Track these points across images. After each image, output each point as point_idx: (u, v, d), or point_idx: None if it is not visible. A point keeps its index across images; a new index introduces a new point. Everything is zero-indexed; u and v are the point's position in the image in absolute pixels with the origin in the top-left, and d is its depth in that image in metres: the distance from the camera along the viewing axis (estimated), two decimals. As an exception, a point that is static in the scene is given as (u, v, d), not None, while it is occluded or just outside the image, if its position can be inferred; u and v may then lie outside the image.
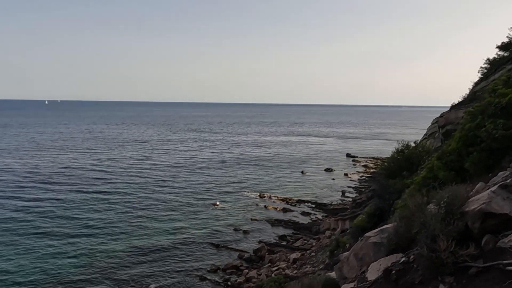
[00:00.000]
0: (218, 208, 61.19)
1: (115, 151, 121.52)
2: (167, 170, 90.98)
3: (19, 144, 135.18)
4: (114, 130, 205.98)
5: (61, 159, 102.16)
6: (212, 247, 45.86)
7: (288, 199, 67.28)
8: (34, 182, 74.66)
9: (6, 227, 49.67)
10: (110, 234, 48.36)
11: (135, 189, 71.43)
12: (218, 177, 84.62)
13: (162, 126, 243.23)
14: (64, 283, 36.21)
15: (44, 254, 42.05)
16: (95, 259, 41.34)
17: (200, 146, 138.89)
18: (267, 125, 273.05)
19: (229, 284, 37.00)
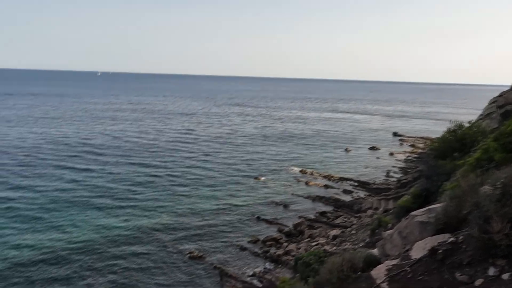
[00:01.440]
0: (260, 182, 62.03)
1: (161, 123, 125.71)
2: (211, 143, 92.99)
3: (73, 113, 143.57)
4: (161, 102, 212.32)
5: (110, 130, 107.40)
6: (253, 219, 46.91)
7: (330, 176, 66.74)
8: (84, 151, 79.41)
9: (56, 195, 53.65)
10: (155, 204, 50.78)
11: (179, 161, 73.92)
12: (260, 152, 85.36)
13: (207, 99, 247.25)
14: (112, 248, 38.87)
15: (92, 221, 45.17)
16: (141, 225, 43.80)
17: (243, 121, 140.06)
18: (311, 101, 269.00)
19: (268, 256, 37.88)
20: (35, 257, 35.57)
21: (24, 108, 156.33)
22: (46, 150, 77.34)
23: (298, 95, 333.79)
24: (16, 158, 70.52)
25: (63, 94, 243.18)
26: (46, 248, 37.30)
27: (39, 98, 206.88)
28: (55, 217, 44.36)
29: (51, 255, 36.12)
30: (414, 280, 7.25)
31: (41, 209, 46.40)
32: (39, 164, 66.65)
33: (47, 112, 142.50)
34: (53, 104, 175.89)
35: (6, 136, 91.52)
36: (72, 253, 36.53)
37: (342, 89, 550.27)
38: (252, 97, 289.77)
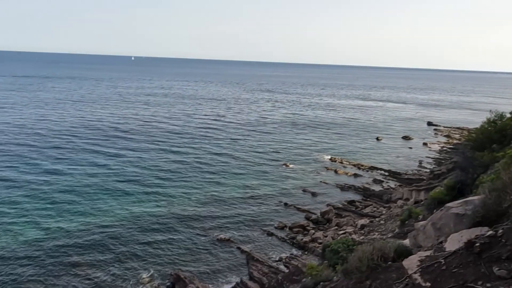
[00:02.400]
0: (289, 169, 61.99)
1: (191, 108, 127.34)
2: (240, 129, 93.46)
3: (107, 97, 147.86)
4: (191, 87, 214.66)
5: (142, 114, 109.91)
6: (281, 205, 47.12)
7: (360, 165, 65.74)
8: (116, 135, 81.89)
9: (88, 178, 55.76)
10: (184, 189, 51.89)
11: (208, 146, 74.88)
12: (289, 138, 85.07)
13: (237, 85, 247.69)
14: (143, 231, 40.22)
15: (123, 205, 46.79)
16: (170, 209, 44.99)
17: (273, 107, 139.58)
18: (342, 88, 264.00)
19: (294, 242, 38.08)
20: (67, 240, 37.38)
21: (62, 91, 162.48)
22: (80, 133, 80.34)
23: (329, 82, 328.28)
24: (52, 140, 73.71)
25: (98, 78, 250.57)
26: (78, 231, 39.10)
27: (76, 82, 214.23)
28: (87, 200, 46.27)
29: (84, 237, 37.85)
30: (448, 273, 7.08)
31: (74, 192, 48.44)
32: (73, 147, 69.36)
33: (83, 96, 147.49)
34: (89, 88, 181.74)
35: (44, 118, 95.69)
36: (104, 235, 38.09)
37: (375, 76, 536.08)
38: (282, 83, 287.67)
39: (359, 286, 9.28)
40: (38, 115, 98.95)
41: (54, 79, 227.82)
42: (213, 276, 32.14)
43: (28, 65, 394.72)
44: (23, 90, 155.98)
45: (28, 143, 69.39)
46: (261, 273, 31.75)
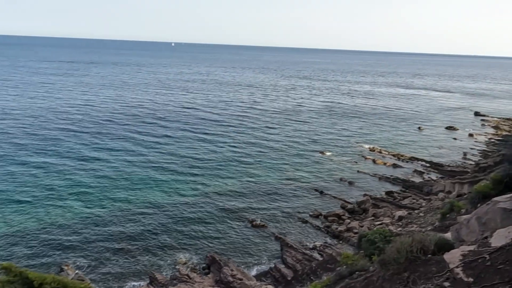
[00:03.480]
0: (325, 157, 61.33)
1: (228, 94, 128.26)
2: (276, 116, 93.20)
3: (148, 82, 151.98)
4: (229, 73, 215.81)
5: (180, 100, 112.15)
6: (316, 193, 46.86)
7: (400, 155, 63.82)
8: (154, 119, 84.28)
9: (127, 159, 57.86)
10: (220, 174, 52.76)
11: (244, 133, 75.37)
12: (326, 126, 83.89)
13: (274, 71, 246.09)
14: (181, 211, 41.45)
15: (162, 186, 48.31)
16: (207, 193, 46.00)
17: (310, 94, 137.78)
18: (384, 75, 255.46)
19: (329, 231, 37.88)
20: (106, 222, 39.27)
21: (105, 76, 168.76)
22: (119, 119, 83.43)
23: (369, 69, 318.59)
24: (92, 125, 77.05)
25: (139, 64, 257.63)
26: (117, 214, 40.95)
27: (118, 67, 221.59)
28: (125, 185, 48.21)
29: (123, 220, 39.62)
30: (493, 269, 6.80)
31: (112, 178, 50.62)
32: (112, 132, 72.15)
33: (125, 81, 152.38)
34: (130, 73, 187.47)
35: (87, 103, 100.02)
36: (143, 219, 39.69)
37: (419, 63, 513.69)
38: (321, 70, 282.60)
39: (396, 277, 9.13)
40: (82, 99, 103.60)
41: (98, 64, 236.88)
42: (247, 260, 32.73)
43: (74, 51, 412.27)
44: (69, 75, 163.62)
45: (70, 128, 72.97)
46: (295, 259, 31.94)
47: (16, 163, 51.70)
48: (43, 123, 74.52)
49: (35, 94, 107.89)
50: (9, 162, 51.90)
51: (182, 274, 29.12)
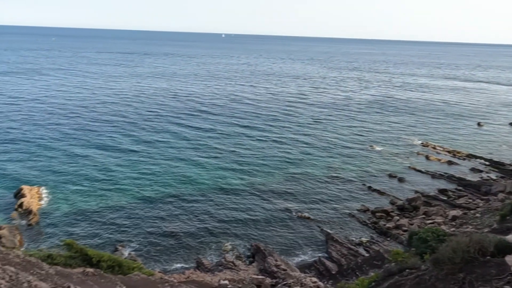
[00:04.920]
0: (375, 151, 59.55)
1: (276, 85, 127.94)
2: (324, 108, 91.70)
3: (197, 73, 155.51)
4: (277, 64, 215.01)
5: (227, 91, 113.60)
6: (364, 188, 45.74)
7: (456, 152, 60.41)
8: (203, 108, 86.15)
9: (176, 146, 59.61)
10: (265, 165, 52.99)
11: (290, 125, 74.99)
12: (377, 120, 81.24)
13: (324, 62, 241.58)
14: (227, 200, 42.28)
15: (207, 175, 49.41)
16: (253, 183, 46.47)
17: (361, 87, 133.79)
18: (441, 67, 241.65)
19: (376, 227, 36.90)
20: (162, 201, 40.95)
21: (157, 66, 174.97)
22: (169, 108, 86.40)
23: (425, 60, 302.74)
24: (144, 113, 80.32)
25: (190, 55, 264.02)
26: (171, 194, 42.57)
27: (170, 58, 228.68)
28: (173, 173, 49.90)
29: (171, 205, 41.15)
30: None
31: (161, 165, 52.59)
32: (162, 120, 74.84)
33: (175, 72, 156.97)
34: (181, 64, 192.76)
35: (140, 92, 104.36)
36: (189, 205, 41.03)
37: (483, 54, 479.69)
38: (373, 61, 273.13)
39: (450, 277, 8.71)
40: (135, 88, 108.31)
41: (151, 55, 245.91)
42: (291, 252, 32.80)
43: (130, 43, 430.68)
44: (124, 66, 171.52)
45: (124, 114, 76.70)
46: (340, 254, 31.56)
47: (76, 147, 55.36)
48: (100, 111, 78.96)
49: (93, 84, 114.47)
50: (69, 146, 55.70)
51: (228, 261, 29.83)
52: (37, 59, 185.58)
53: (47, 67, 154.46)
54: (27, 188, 40.19)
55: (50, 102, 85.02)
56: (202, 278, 24.77)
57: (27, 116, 71.31)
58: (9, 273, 8.60)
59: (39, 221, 35.46)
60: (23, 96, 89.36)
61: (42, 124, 66.00)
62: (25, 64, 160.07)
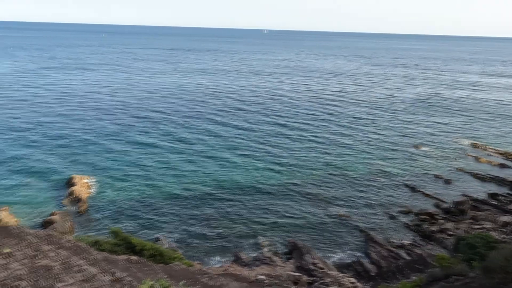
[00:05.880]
0: (420, 151, 57.29)
1: (316, 82, 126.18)
2: (366, 106, 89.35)
3: (238, 68, 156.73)
4: (319, 60, 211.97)
5: (267, 86, 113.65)
6: (407, 189, 44.19)
7: (509, 154, 56.80)
8: (241, 105, 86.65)
9: (214, 144, 60.33)
10: (303, 163, 52.54)
11: (330, 122, 73.75)
12: (423, 119, 78.02)
13: (367, 59, 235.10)
14: (265, 196, 42.38)
15: (246, 170, 49.72)
16: (292, 180, 46.24)
17: (406, 84, 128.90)
18: (494, 64, 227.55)
19: (419, 230, 35.55)
20: (202, 195, 41.78)
21: (199, 62, 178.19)
22: (208, 103, 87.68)
23: (477, 57, 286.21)
24: (184, 109, 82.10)
25: (232, 51, 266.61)
26: (211, 188, 43.32)
27: (212, 54, 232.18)
28: (214, 167, 50.66)
29: (216, 194, 41.87)
30: None
31: (206, 155, 53.56)
32: (200, 116, 76.04)
33: (217, 68, 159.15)
34: (223, 60, 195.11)
35: (182, 88, 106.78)
36: (229, 199, 41.56)
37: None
38: (419, 57, 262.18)
39: (502, 287, 8.22)
40: (178, 84, 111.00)
41: (194, 51, 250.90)
42: (329, 251, 32.38)
43: (175, 39, 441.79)
44: (168, 62, 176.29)
45: (166, 110, 78.83)
46: (380, 255, 30.75)
47: (121, 141, 57.75)
48: (143, 107, 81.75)
49: (138, 79, 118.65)
50: (114, 140, 58.20)
51: (265, 256, 29.98)
52: (87, 55, 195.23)
53: (96, 63, 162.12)
54: (77, 177, 42.50)
55: (98, 97, 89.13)
56: (239, 271, 25.06)
57: (77, 110, 75.23)
58: (62, 256, 9.17)
59: (87, 208, 37.43)
60: (73, 92, 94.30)
61: (89, 119, 69.37)
62: (76, 60, 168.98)
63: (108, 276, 9.06)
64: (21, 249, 8.79)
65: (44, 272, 7.91)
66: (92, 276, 8.62)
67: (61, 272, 8.09)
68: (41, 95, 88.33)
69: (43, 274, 7.80)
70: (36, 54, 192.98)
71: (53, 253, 9.06)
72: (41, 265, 8.18)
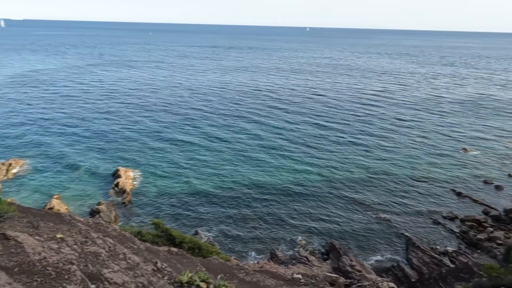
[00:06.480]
0: (468, 154, 54.48)
1: (358, 81, 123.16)
2: (411, 107, 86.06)
3: (279, 66, 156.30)
4: (362, 58, 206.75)
5: (308, 84, 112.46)
6: (453, 194, 42.20)
7: None
8: (279, 104, 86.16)
9: (250, 139, 60.41)
10: (342, 163, 51.53)
11: (372, 123, 71.74)
12: (473, 121, 74.00)
13: (413, 57, 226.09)
14: (303, 195, 42.07)
15: (283, 169, 49.50)
16: (331, 179, 45.58)
17: (455, 84, 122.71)
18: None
19: (465, 237, 33.88)
20: (240, 192, 42.16)
21: (241, 60, 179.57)
22: (244, 102, 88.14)
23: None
24: (221, 107, 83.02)
25: (273, 49, 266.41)
26: (249, 185, 43.65)
27: (253, 52, 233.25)
28: (254, 161, 50.92)
29: (254, 191, 42.13)
30: None
31: (244, 153, 53.95)
32: (238, 114, 76.56)
33: (257, 66, 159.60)
34: (264, 58, 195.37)
35: (223, 86, 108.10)
36: (270, 194, 41.64)
37: None
38: (471, 55, 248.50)
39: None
40: (218, 81, 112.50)
41: (236, 49, 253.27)
42: (367, 253, 31.67)
43: (217, 37, 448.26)
44: (210, 59, 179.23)
45: (207, 106, 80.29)
46: (422, 261, 29.64)
47: (164, 136, 59.56)
48: (184, 103, 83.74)
49: (180, 77, 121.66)
50: (157, 135, 60.12)
51: (301, 256, 29.83)
52: (134, 53, 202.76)
53: (142, 60, 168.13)
54: (123, 169, 44.39)
55: (141, 94, 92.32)
56: (276, 269, 25.09)
57: (121, 107, 78.34)
58: (109, 244, 9.63)
59: (131, 200, 39.00)
60: (119, 89, 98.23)
61: (133, 116, 71.96)
62: (123, 58, 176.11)
63: (150, 265, 9.41)
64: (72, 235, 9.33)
65: (93, 258, 8.35)
66: (135, 264, 8.99)
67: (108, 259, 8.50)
68: (89, 91, 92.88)
69: (91, 259, 8.24)
70: (86, 51, 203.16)
71: (100, 241, 9.54)
72: (90, 251, 8.64)
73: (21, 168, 45.51)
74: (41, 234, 8.82)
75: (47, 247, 8.03)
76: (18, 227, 9.01)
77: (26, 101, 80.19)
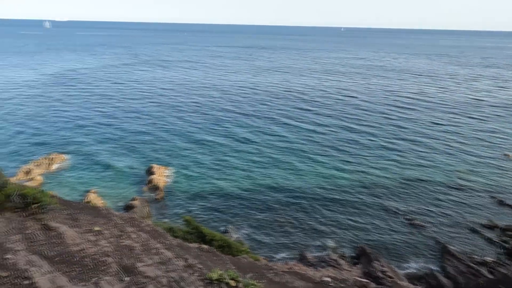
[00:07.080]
0: (511, 160, 51.82)
1: (393, 82, 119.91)
2: (448, 110, 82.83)
3: (311, 67, 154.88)
4: (398, 59, 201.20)
5: (340, 85, 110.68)
6: (493, 202, 40.26)
7: None
8: (308, 106, 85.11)
9: (279, 140, 60.06)
10: (374, 167, 50.35)
11: (406, 127, 69.65)
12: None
13: (453, 58, 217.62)
14: (333, 196, 41.49)
15: (312, 170, 48.96)
16: (363, 183, 44.68)
17: (497, 87, 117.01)
18: None
19: (506, 247, 32.24)
20: (270, 192, 42.14)
21: (273, 61, 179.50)
22: (274, 103, 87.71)
23: None
24: (249, 108, 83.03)
25: (307, 49, 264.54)
26: (280, 186, 43.55)
27: (286, 52, 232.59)
28: (285, 163, 50.69)
29: (284, 192, 42.01)
30: None
31: (274, 154, 53.87)
32: (268, 116, 76.37)
33: (290, 66, 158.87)
34: (297, 58, 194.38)
35: (255, 85, 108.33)
36: (300, 195, 41.37)
37: None
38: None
39: None
40: (250, 82, 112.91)
41: (269, 49, 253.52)
42: (399, 260, 30.80)
43: (250, 37, 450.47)
44: (244, 59, 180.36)
45: (238, 106, 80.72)
46: (457, 271, 28.52)
47: (196, 135, 60.50)
48: (215, 104, 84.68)
49: (213, 76, 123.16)
50: (190, 133, 61.15)
51: (331, 259, 29.44)
52: (168, 53, 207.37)
53: (175, 60, 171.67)
54: (156, 166, 45.52)
55: (174, 95, 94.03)
56: (305, 271, 24.88)
57: (154, 107, 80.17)
58: (142, 238, 9.90)
59: (164, 196, 39.91)
60: (152, 89, 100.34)
61: (165, 116, 73.30)
62: (157, 57, 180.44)
63: (181, 261, 9.59)
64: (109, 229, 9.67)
65: (127, 251, 8.62)
66: (167, 259, 9.19)
67: (141, 253, 8.75)
68: (124, 91, 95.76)
69: (126, 253, 8.50)
70: (122, 51, 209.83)
71: (135, 235, 9.83)
72: (125, 244, 8.93)
73: (62, 163, 47.66)
74: (80, 226, 9.20)
75: (85, 239, 8.37)
76: (59, 218, 9.44)
77: (65, 99, 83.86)
